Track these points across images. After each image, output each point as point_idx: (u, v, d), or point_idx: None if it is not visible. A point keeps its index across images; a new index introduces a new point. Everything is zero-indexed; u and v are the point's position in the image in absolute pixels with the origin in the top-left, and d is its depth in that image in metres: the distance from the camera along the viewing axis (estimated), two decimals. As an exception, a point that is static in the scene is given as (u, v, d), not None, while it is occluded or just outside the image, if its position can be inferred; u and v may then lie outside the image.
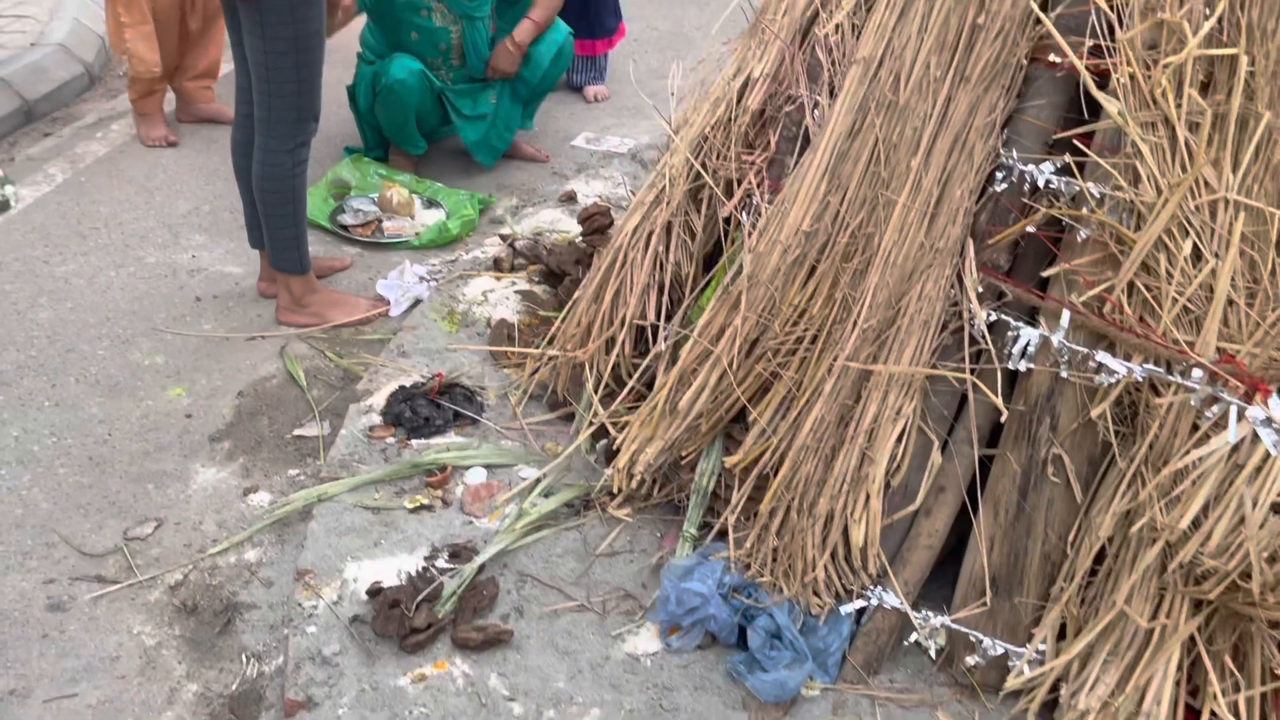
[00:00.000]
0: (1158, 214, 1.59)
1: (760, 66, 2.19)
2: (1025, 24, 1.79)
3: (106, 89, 4.18)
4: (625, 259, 2.35)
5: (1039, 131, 1.82)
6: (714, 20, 5.32)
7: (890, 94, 1.91)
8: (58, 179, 3.49)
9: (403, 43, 3.46)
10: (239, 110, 2.70)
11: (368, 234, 3.30)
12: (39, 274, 2.99)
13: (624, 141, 4.01)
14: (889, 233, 1.89)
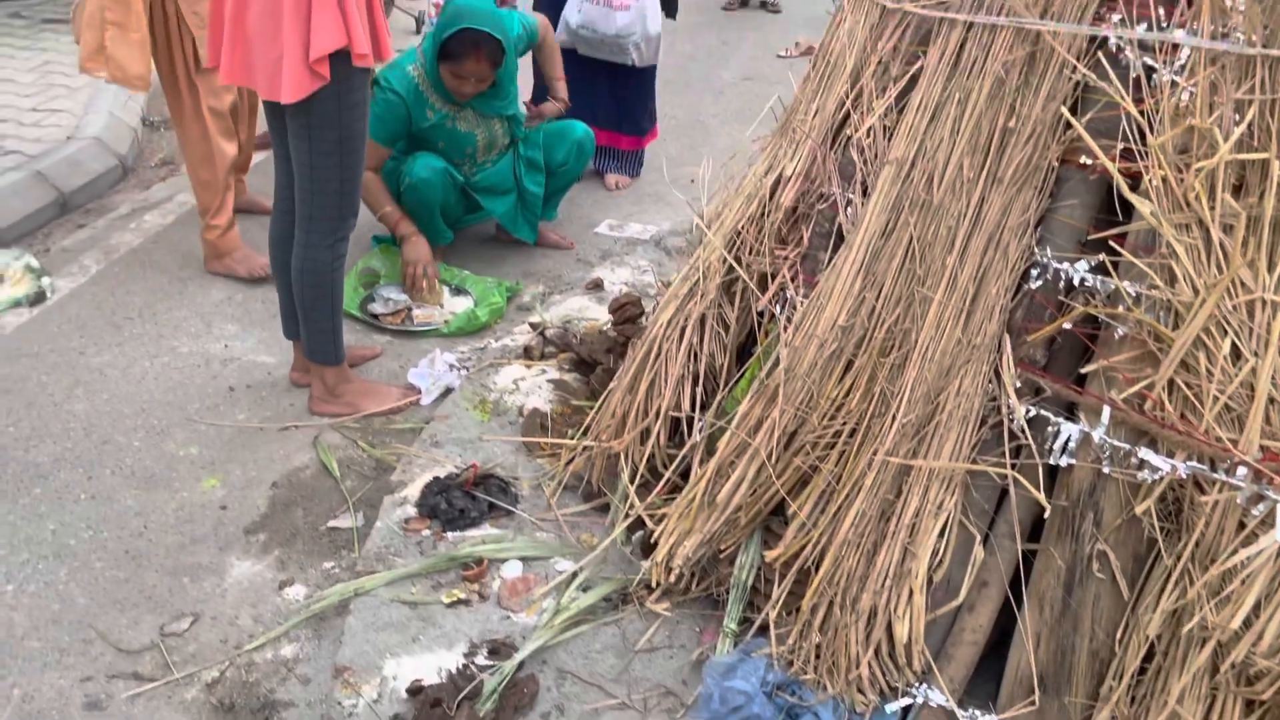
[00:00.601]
0: (1196, 314, 1.62)
1: (792, 165, 2.24)
2: (1056, 127, 1.85)
3: (139, 180, 4.28)
4: (660, 350, 2.38)
5: (1072, 230, 1.86)
6: (729, 109, 5.46)
7: (924, 194, 1.95)
8: (92, 270, 3.55)
9: (430, 150, 3.53)
10: (278, 206, 2.76)
11: (397, 322, 3.35)
12: (75, 365, 3.04)
13: (646, 228, 4.08)
14: (926, 328, 1.92)
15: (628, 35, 4.03)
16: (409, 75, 3.40)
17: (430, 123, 3.45)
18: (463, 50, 3.23)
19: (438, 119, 3.45)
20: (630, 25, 4.02)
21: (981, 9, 1.91)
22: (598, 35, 4.03)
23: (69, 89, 4.70)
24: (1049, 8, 1.84)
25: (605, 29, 4.01)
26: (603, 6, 3.99)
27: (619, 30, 4.01)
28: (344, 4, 2.34)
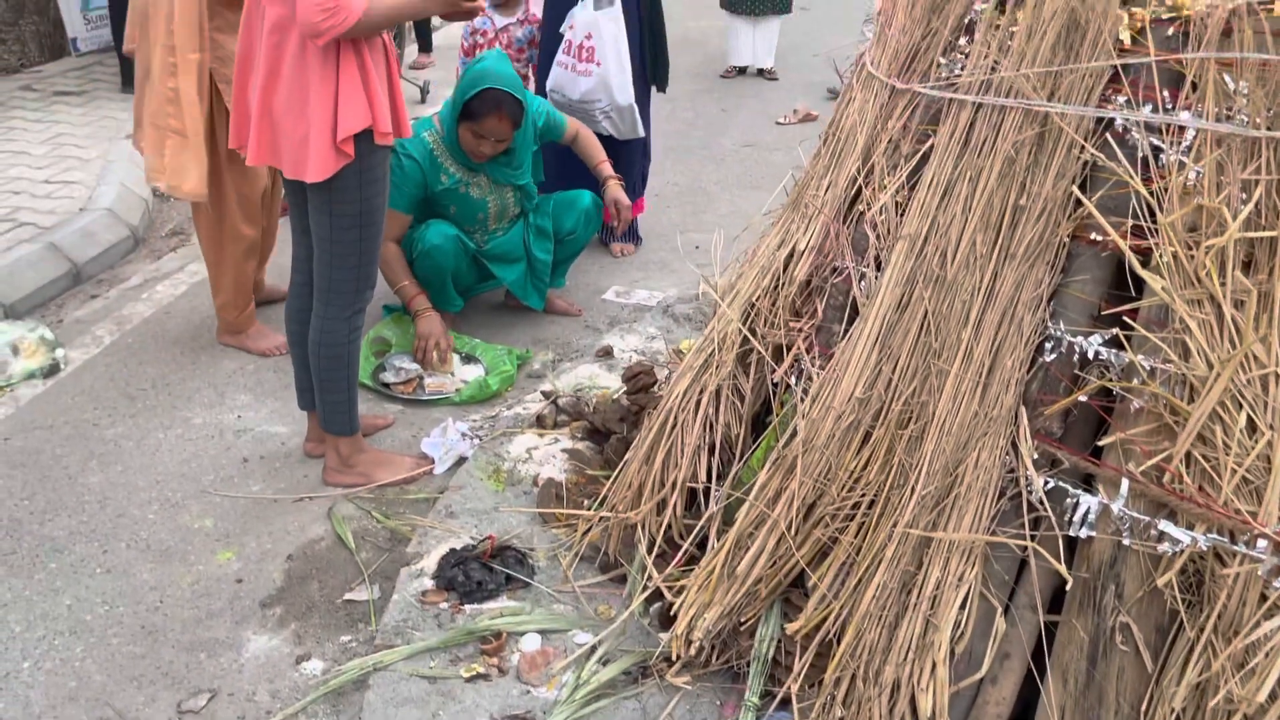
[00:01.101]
0: (1211, 388, 1.65)
1: (805, 239, 2.29)
2: (1066, 205, 1.89)
3: (150, 250, 4.33)
4: (676, 421, 2.40)
5: (1085, 305, 1.89)
6: (731, 175, 5.55)
7: (937, 269, 2.00)
8: (105, 341, 3.58)
9: (441, 216, 3.60)
10: (295, 279, 2.80)
11: (409, 391, 3.37)
12: (89, 437, 3.05)
13: (653, 295, 4.13)
14: (943, 401, 1.95)
15: (592, 102, 4.06)
16: (424, 141, 3.47)
17: (444, 187, 3.51)
18: (484, 109, 3.30)
19: (451, 184, 3.52)
20: (592, 91, 4.04)
21: (990, 90, 1.97)
22: (565, 99, 4.08)
23: (81, 160, 4.77)
24: (1056, 89, 1.90)
25: (570, 93, 4.07)
26: (569, 71, 4.05)
27: (582, 95, 4.05)
28: (369, 84, 2.40)
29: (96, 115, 5.39)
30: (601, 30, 3.97)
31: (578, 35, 3.99)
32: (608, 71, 4.00)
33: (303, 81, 2.36)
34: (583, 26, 3.99)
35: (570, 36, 4.01)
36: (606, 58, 3.99)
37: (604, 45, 3.98)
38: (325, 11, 2.19)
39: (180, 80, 3.00)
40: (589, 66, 4.01)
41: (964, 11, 2.07)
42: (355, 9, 2.23)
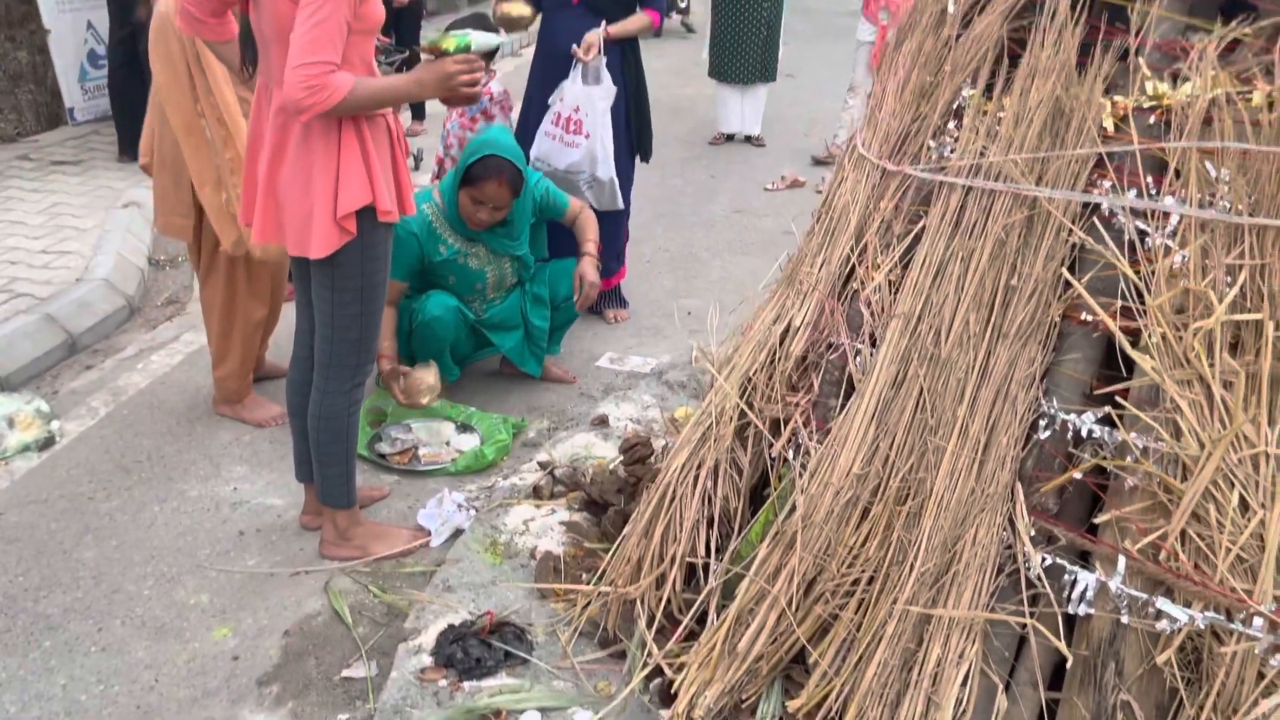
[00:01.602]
0: (1203, 467, 1.68)
1: (801, 315, 2.33)
2: (1057, 285, 1.94)
3: (146, 320, 4.35)
4: (674, 494, 2.42)
5: (1077, 383, 1.93)
6: (721, 241, 5.62)
7: (932, 347, 2.03)
8: (101, 412, 3.58)
9: (440, 286, 3.64)
10: (297, 352, 2.82)
11: (405, 462, 3.38)
12: (84, 511, 3.04)
13: (646, 361, 4.16)
14: (940, 477, 1.98)
15: (577, 173, 4.13)
16: (423, 212, 3.53)
17: (442, 258, 3.56)
18: (485, 175, 3.37)
19: (450, 254, 3.56)
20: (579, 163, 4.11)
21: (979, 174, 2.03)
22: (551, 169, 4.15)
23: (78, 230, 4.81)
24: (1044, 174, 1.95)
25: (556, 163, 4.14)
26: (556, 141, 4.12)
27: (568, 166, 4.12)
28: (370, 162, 2.45)
29: (93, 185, 5.44)
30: (594, 105, 4.06)
31: (566, 108, 4.08)
32: (594, 145, 4.08)
33: (306, 160, 2.41)
34: (572, 99, 4.07)
35: (559, 109, 4.09)
36: (595, 131, 4.07)
37: (594, 119, 4.06)
38: (308, 89, 2.23)
39: (236, 143, 3.07)
40: (577, 139, 4.09)
41: (952, 98, 2.14)
42: (339, 88, 2.27)
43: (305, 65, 2.20)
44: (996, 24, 2.06)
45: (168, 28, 2.97)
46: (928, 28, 2.26)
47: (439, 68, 2.47)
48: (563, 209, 3.73)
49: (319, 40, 2.20)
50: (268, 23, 2.35)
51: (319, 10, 2.20)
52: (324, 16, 2.20)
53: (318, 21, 2.20)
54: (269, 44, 2.39)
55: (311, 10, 2.20)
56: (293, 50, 2.22)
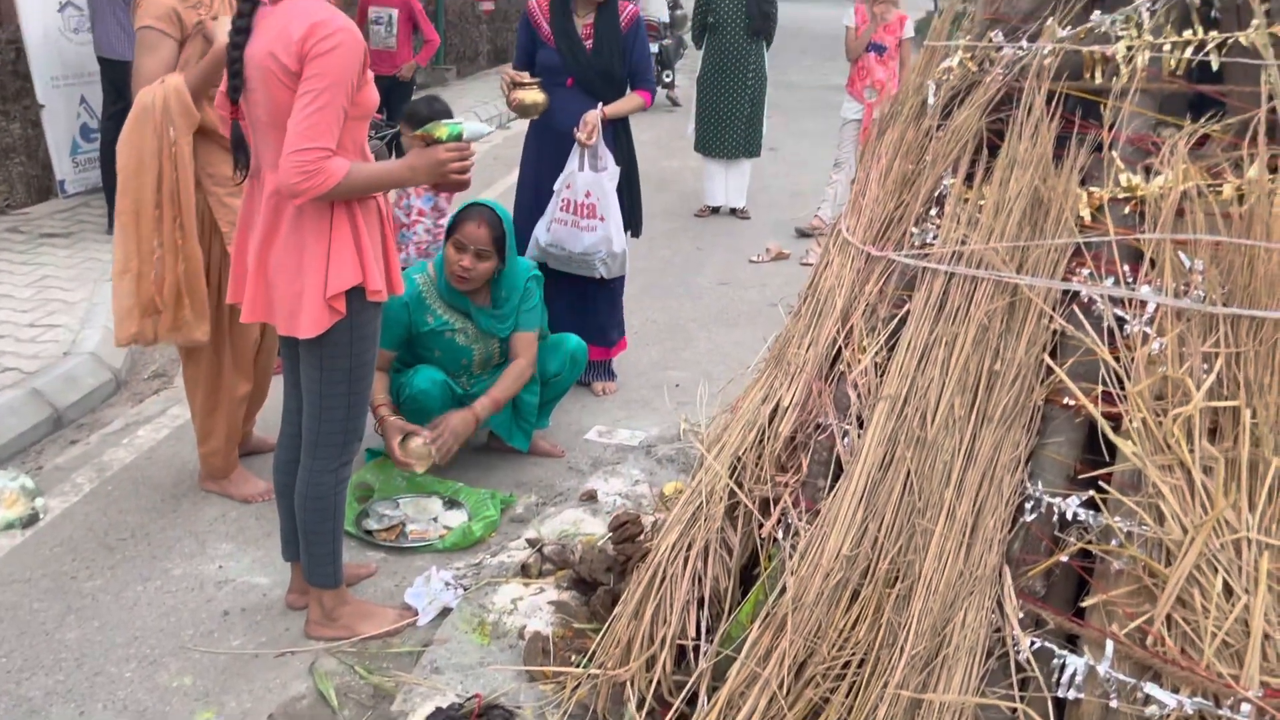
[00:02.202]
0: (1186, 553, 1.71)
1: (789, 395, 2.36)
2: (1039, 370, 1.98)
3: (132, 393, 4.35)
4: (664, 575, 2.42)
5: (1061, 466, 1.96)
6: (708, 313, 5.68)
7: (918, 429, 2.07)
8: (85, 488, 3.56)
9: (426, 360, 3.68)
10: (285, 430, 2.83)
11: (392, 538, 3.37)
12: (67, 590, 3.01)
13: (635, 434, 4.18)
14: (929, 560, 1.99)
15: (593, 253, 4.23)
16: (414, 282, 3.59)
17: (430, 328, 3.60)
18: (466, 217, 3.47)
19: (438, 324, 3.60)
20: (596, 245, 4.22)
21: (961, 261, 2.08)
22: (565, 252, 4.24)
23: (66, 303, 4.82)
24: (1024, 262, 2.01)
25: (572, 247, 4.22)
26: (570, 227, 4.21)
27: (585, 249, 4.21)
28: (360, 243, 2.49)
29: (82, 257, 5.48)
30: (604, 188, 4.18)
31: (578, 194, 4.18)
32: (609, 226, 4.21)
33: (298, 241, 2.44)
34: (583, 185, 4.17)
35: (568, 195, 4.19)
36: (609, 213, 4.20)
37: (605, 201, 4.19)
38: (304, 174, 2.29)
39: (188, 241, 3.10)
40: (593, 223, 4.19)
41: (933, 186, 2.20)
42: (334, 173, 2.32)
43: (302, 151, 2.25)
44: (975, 116, 2.13)
45: (147, 120, 3.00)
46: (909, 118, 2.33)
47: (431, 155, 2.53)
48: (520, 327, 3.69)
49: (316, 126, 2.26)
50: (264, 110, 2.41)
51: (318, 98, 2.26)
52: (323, 104, 2.26)
53: (317, 109, 2.26)
54: (265, 130, 2.44)
55: (310, 98, 2.26)
56: (290, 136, 2.27)
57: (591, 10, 4.17)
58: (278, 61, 2.30)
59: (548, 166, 4.27)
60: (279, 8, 2.36)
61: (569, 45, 4.15)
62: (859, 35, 6.92)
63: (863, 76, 6.97)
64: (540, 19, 4.22)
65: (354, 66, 2.31)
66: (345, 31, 2.29)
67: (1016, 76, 2.10)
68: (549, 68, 4.17)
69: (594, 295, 4.44)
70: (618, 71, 4.22)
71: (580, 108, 4.14)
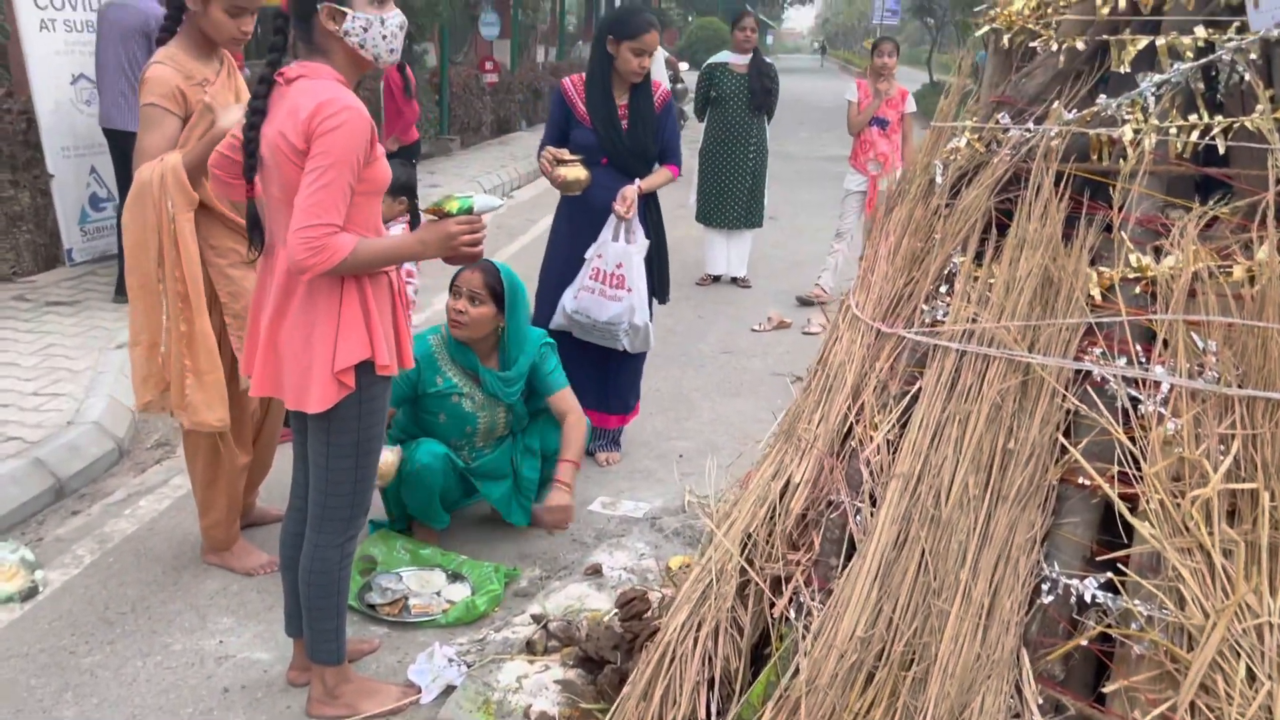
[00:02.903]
0: (1208, 638, 1.68)
1: (800, 472, 2.35)
2: (1053, 449, 1.98)
3: (134, 463, 4.32)
4: (674, 655, 2.38)
5: (1077, 547, 1.95)
6: (711, 382, 5.68)
7: (932, 508, 2.05)
8: (86, 560, 3.53)
9: (429, 424, 3.68)
10: (293, 504, 2.81)
11: (395, 613, 3.32)
12: (65, 666, 2.96)
13: (639, 506, 4.15)
14: (945, 642, 1.96)
15: (617, 323, 4.28)
16: (427, 342, 3.63)
17: (437, 389, 3.60)
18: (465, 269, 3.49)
19: (445, 387, 3.61)
20: (620, 315, 4.27)
21: (973, 339, 2.09)
22: (590, 321, 4.28)
23: (71, 372, 4.82)
24: (1035, 341, 2.01)
25: (597, 315, 4.27)
26: (597, 295, 4.26)
27: (610, 318, 4.26)
28: (370, 317, 2.50)
29: (88, 325, 5.49)
30: (632, 260, 4.25)
31: (608, 264, 4.25)
32: (635, 297, 4.27)
33: (309, 316, 2.45)
34: (614, 257, 4.24)
35: (599, 265, 4.25)
36: (636, 285, 4.26)
37: (633, 273, 4.25)
38: (310, 250, 2.31)
39: (195, 320, 3.09)
40: (619, 293, 4.25)
41: (943, 264, 2.22)
42: (340, 249, 2.34)
43: (308, 228, 2.28)
44: (984, 196, 2.16)
45: (146, 196, 3.03)
46: (916, 196, 2.35)
47: (442, 228, 2.55)
48: (554, 389, 3.76)
49: (322, 203, 2.29)
50: (276, 187, 2.44)
51: (323, 175, 2.29)
52: (327, 181, 2.29)
53: (322, 185, 2.29)
54: (278, 207, 2.46)
55: (316, 175, 2.29)
56: (296, 213, 2.30)
57: (627, 91, 4.28)
58: (287, 141, 2.33)
59: (581, 241, 4.34)
60: (292, 88, 2.40)
61: (606, 126, 4.25)
62: (862, 110, 7.03)
63: (865, 150, 7.07)
64: (575, 99, 4.31)
65: (359, 144, 2.34)
66: (350, 110, 2.33)
67: (1024, 157, 2.13)
68: (584, 146, 4.25)
69: (618, 365, 4.51)
70: (651, 150, 4.34)
71: (614, 184, 4.24)
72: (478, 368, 3.63)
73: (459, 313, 3.54)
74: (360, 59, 2.46)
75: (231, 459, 3.42)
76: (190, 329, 3.10)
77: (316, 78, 2.39)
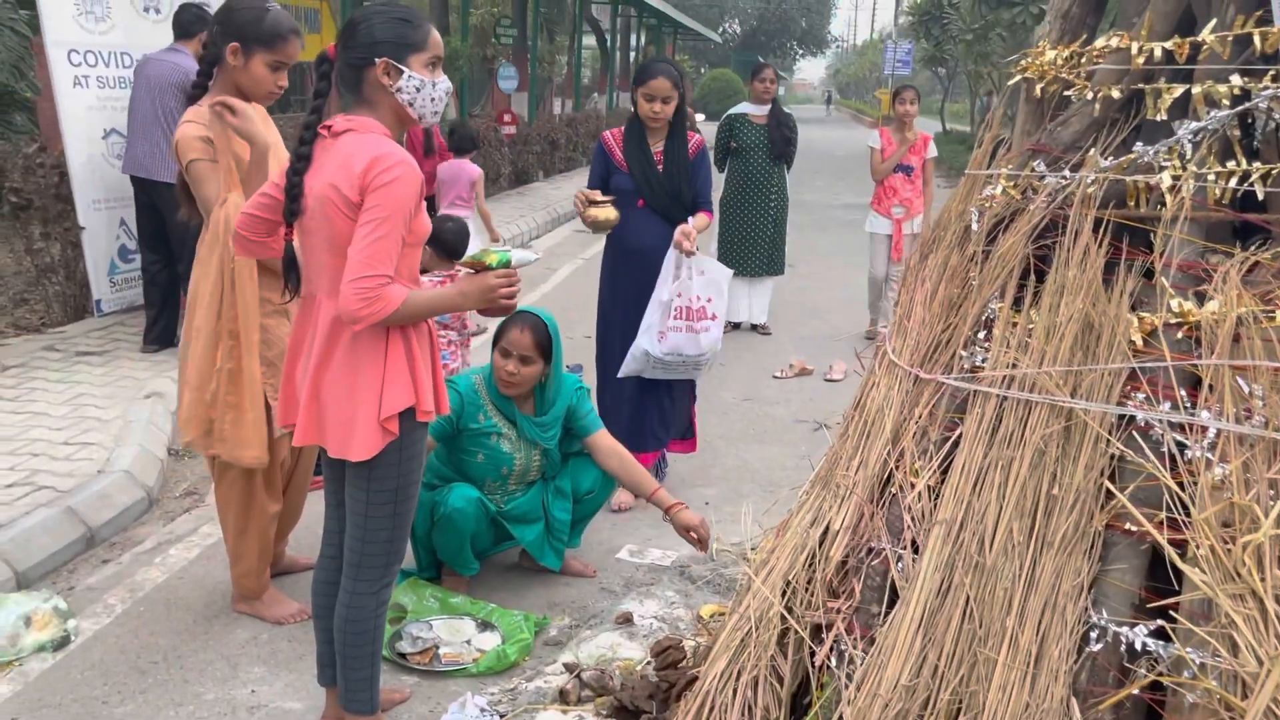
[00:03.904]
0: (1262, 685, 1.66)
1: (840, 518, 2.35)
2: (1099, 495, 1.97)
3: (164, 511, 4.34)
4: (713, 704, 2.36)
5: (1125, 594, 1.93)
6: (734, 429, 5.67)
7: (976, 555, 2.04)
8: (117, 609, 3.53)
9: (466, 464, 3.68)
10: (325, 552, 2.81)
11: (425, 662, 3.31)
12: (98, 716, 2.95)
13: (666, 554, 4.13)
14: (993, 691, 1.94)
15: (708, 352, 4.41)
16: (471, 380, 3.67)
17: (478, 427, 3.62)
18: (511, 322, 3.54)
19: (486, 426, 3.63)
20: (714, 343, 4.41)
21: (1014, 384, 2.09)
22: (681, 359, 4.39)
23: (100, 421, 4.86)
24: (1078, 386, 2.01)
25: (689, 351, 4.37)
26: (686, 333, 4.35)
27: (702, 350, 4.38)
28: (414, 365, 2.52)
29: (117, 375, 5.54)
30: (720, 289, 4.41)
31: (691, 299, 4.37)
32: (720, 324, 4.44)
33: (353, 364, 2.48)
34: (698, 290, 4.37)
35: (680, 304, 4.34)
36: (720, 311, 4.43)
37: (719, 302, 4.41)
38: (365, 300, 2.34)
39: (244, 358, 3.13)
40: (706, 324, 4.39)
41: (981, 310, 2.23)
42: (393, 300, 2.38)
43: (364, 279, 2.31)
44: (1021, 243, 2.18)
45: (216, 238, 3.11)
46: (952, 243, 2.37)
47: (483, 281, 2.59)
48: (591, 429, 3.79)
49: (377, 255, 2.32)
50: (323, 238, 2.47)
51: (379, 227, 2.32)
52: (384, 234, 2.33)
53: (378, 238, 2.32)
54: (321, 256, 2.50)
55: (372, 227, 2.32)
56: (351, 263, 2.33)
57: (662, 139, 4.48)
58: (339, 193, 2.37)
59: (625, 283, 4.52)
60: (339, 141, 2.45)
61: (642, 169, 4.44)
62: (886, 158, 7.15)
63: (890, 195, 7.25)
64: (614, 148, 4.55)
65: (413, 197, 2.39)
66: (404, 165, 2.37)
67: (1060, 204, 2.15)
68: (622, 190, 4.44)
69: (681, 392, 4.63)
70: (686, 193, 4.48)
71: (650, 226, 4.42)
72: (515, 413, 3.65)
73: (510, 374, 3.56)
74: (406, 116, 2.51)
75: (263, 507, 3.43)
76: (238, 366, 3.14)
77: (365, 132, 2.44)
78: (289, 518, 3.68)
